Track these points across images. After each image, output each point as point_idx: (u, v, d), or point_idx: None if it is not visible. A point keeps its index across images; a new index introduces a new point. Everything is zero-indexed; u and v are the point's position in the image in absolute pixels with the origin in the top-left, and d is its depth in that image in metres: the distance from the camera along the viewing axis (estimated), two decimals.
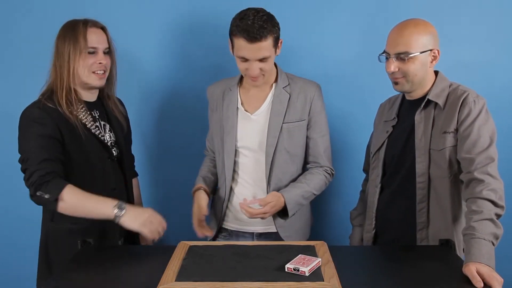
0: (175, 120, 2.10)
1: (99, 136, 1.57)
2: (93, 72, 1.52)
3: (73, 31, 1.49)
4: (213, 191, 1.79)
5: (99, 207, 1.31)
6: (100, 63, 1.53)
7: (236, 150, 1.69)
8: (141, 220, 1.34)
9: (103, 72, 1.55)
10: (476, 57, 1.97)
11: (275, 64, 1.71)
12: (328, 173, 1.73)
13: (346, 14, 1.97)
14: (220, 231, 1.77)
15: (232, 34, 1.55)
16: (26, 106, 1.50)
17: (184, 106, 2.08)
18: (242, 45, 1.53)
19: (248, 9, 1.55)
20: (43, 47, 2.00)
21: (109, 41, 1.57)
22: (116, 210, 1.30)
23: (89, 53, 1.50)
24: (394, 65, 1.48)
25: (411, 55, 1.45)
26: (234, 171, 1.71)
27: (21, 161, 1.44)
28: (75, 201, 1.33)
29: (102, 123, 1.61)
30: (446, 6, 1.94)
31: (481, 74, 1.96)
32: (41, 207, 1.47)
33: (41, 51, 1.98)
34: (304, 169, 1.76)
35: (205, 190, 1.71)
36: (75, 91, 1.53)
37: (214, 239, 1.78)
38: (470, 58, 1.97)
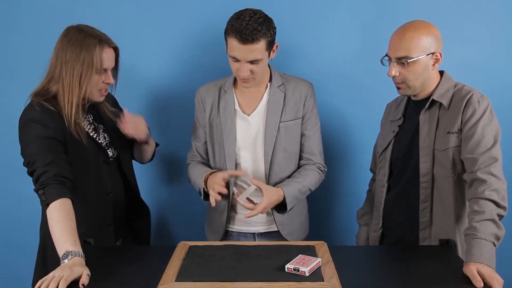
0: (175, 120, 2.10)
1: (96, 138, 1.56)
2: (98, 90, 1.52)
3: (88, 51, 1.44)
4: None
5: (57, 240, 1.28)
6: (107, 83, 1.52)
7: (236, 153, 1.69)
8: (60, 267, 1.24)
9: (106, 89, 1.55)
10: (478, 57, 1.97)
11: (268, 64, 1.70)
12: (321, 170, 1.73)
13: (346, 13, 1.97)
14: (226, 234, 1.76)
15: (226, 33, 1.55)
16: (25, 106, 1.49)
17: (184, 106, 2.07)
18: (234, 45, 1.52)
19: (246, 9, 1.55)
20: (42, 47, 2.01)
21: (117, 60, 1.55)
22: (62, 254, 1.26)
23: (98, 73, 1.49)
24: (395, 70, 1.48)
25: (411, 60, 1.44)
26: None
27: (26, 164, 1.42)
28: (51, 218, 1.31)
29: (96, 125, 1.60)
30: (447, 6, 1.94)
31: (482, 74, 1.96)
32: (40, 207, 1.46)
33: (40, 51, 1.99)
34: (298, 166, 1.76)
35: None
36: None
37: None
38: (472, 59, 1.96)
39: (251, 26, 1.49)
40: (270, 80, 1.70)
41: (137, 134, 1.63)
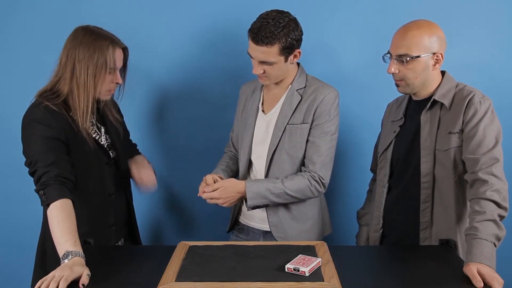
0: (176, 121, 2.10)
1: (98, 140, 1.57)
2: (107, 90, 1.53)
3: (101, 51, 1.46)
4: None
5: (57, 241, 1.28)
6: (116, 83, 1.54)
7: (251, 148, 1.73)
8: (60, 267, 1.24)
9: (114, 89, 1.57)
10: (478, 57, 1.97)
11: (298, 65, 1.72)
12: (314, 180, 1.64)
13: (346, 13, 1.97)
14: (236, 223, 1.83)
15: (248, 30, 1.58)
16: (25, 106, 1.48)
17: (184, 107, 2.08)
18: (250, 43, 1.57)
19: (275, 10, 1.57)
20: (42, 46, 2.01)
21: (125, 60, 1.57)
22: (62, 254, 1.27)
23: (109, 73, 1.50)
24: (394, 67, 1.48)
25: (411, 58, 1.45)
26: (249, 167, 1.75)
27: (28, 164, 1.41)
28: (51, 218, 1.31)
29: (99, 126, 1.61)
30: (447, 6, 1.94)
31: (483, 74, 1.96)
32: (40, 208, 1.47)
33: (40, 51, 1.99)
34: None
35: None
36: None
37: (228, 231, 1.86)
38: (472, 59, 1.96)
39: (267, 29, 1.51)
40: (292, 82, 1.71)
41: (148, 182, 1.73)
